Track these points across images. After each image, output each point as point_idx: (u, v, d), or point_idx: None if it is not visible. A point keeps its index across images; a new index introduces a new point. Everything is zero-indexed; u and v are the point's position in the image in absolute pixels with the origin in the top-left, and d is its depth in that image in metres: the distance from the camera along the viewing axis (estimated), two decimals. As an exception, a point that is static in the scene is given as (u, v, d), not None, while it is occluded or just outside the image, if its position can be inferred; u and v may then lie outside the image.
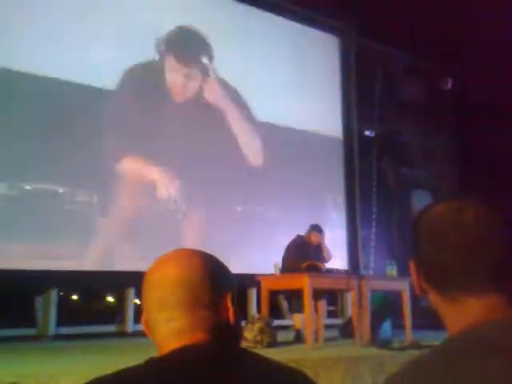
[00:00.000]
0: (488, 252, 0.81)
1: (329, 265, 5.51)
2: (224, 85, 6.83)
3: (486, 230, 0.82)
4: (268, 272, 5.30)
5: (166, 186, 6.27)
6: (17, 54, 5.46)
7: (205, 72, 6.74)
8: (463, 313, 0.82)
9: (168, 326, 0.94)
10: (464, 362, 0.73)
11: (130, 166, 6.03)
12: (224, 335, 0.96)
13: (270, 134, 7.21)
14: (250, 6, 7.32)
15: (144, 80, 6.30)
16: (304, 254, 5.33)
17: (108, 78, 5.96)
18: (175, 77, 6.52)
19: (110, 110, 5.95)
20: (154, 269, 0.99)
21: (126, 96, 6.07)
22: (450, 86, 9.15)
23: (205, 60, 6.74)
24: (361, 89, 8.36)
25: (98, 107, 5.93)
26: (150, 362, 0.90)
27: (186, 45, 6.72)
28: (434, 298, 0.87)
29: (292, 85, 7.49)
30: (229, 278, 1.03)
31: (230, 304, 1.00)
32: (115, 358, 3.96)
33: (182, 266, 0.97)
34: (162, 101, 6.39)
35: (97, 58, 5.84)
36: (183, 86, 6.58)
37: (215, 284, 0.98)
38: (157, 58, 6.42)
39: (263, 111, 7.15)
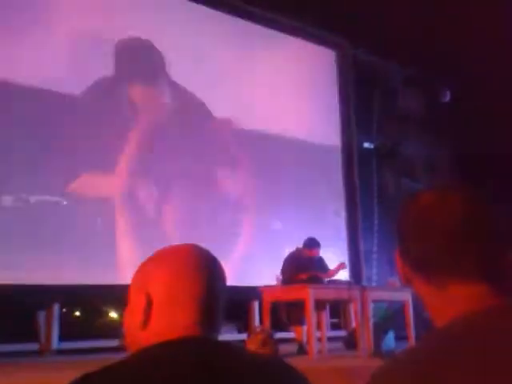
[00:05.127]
0: (475, 239, 0.81)
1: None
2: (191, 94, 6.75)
3: (472, 217, 0.82)
4: (270, 284, 5.31)
5: (163, 203, 6.31)
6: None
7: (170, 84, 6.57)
8: (450, 301, 0.81)
9: (171, 320, 0.95)
10: (450, 355, 0.72)
11: (128, 181, 6.09)
12: (213, 329, 0.98)
13: (269, 144, 7.27)
14: (246, 20, 7.42)
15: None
16: (303, 265, 5.34)
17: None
18: (145, 100, 6.38)
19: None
20: (155, 264, 1.00)
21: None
22: (448, 98, 9.21)
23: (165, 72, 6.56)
24: (359, 102, 8.42)
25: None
26: (140, 354, 0.91)
27: (146, 63, 6.51)
28: (419, 287, 0.87)
29: (290, 97, 7.55)
30: (224, 276, 1.04)
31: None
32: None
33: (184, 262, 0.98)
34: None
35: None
36: (156, 105, 6.46)
37: (216, 282, 0.99)
38: (115, 76, 6.17)
39: (262, 122, 7.20)
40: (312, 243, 5.48)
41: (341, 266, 5.55)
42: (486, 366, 0.70)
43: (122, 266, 5.76)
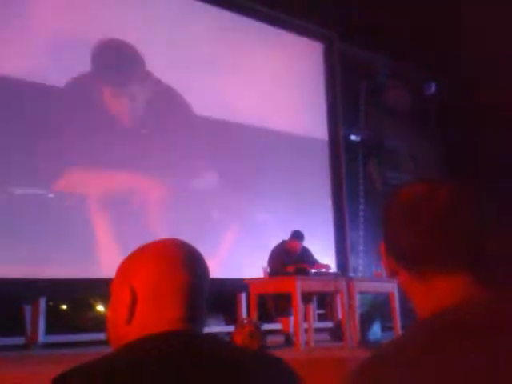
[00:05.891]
0: (460, 230, 0.81)
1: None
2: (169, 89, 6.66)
3: (458, 209, 0.82)
4: (257, 276, 5.32)
5: (150, 191, 6.29)
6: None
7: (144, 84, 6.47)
8: (434, 292, 0.81)
9: (156, 315, 0.95)
10: (432, 348, 0.72)
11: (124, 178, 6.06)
12: (198, 323, 0.98)
13: (256, 136, 7.27)
14: (232, 12, 7.38)
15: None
16: (289, 258, 5.37)
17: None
18: (119, 102, 6.27)
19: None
20: (143, 258, 1.00)
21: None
22: (432, 90, 9.26)
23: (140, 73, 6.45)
24: (346, 94, 8.44)
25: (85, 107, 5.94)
26: (125, 349, 0.91)
27: (118, 65, 6.38)
28: (404, 279, 0.87)
29: (277, 88, 7.54)
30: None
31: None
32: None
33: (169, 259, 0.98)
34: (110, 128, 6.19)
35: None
36: (131, 107, 6.35)
37: (200, 276, 1.00)
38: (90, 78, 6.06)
39: (249, 115, 7.19)
40: (297, 236, 5.50)
41: (325, 267, 5.56)
42: (469, 357, 0.70)
43: (108, 260, 5.73)
